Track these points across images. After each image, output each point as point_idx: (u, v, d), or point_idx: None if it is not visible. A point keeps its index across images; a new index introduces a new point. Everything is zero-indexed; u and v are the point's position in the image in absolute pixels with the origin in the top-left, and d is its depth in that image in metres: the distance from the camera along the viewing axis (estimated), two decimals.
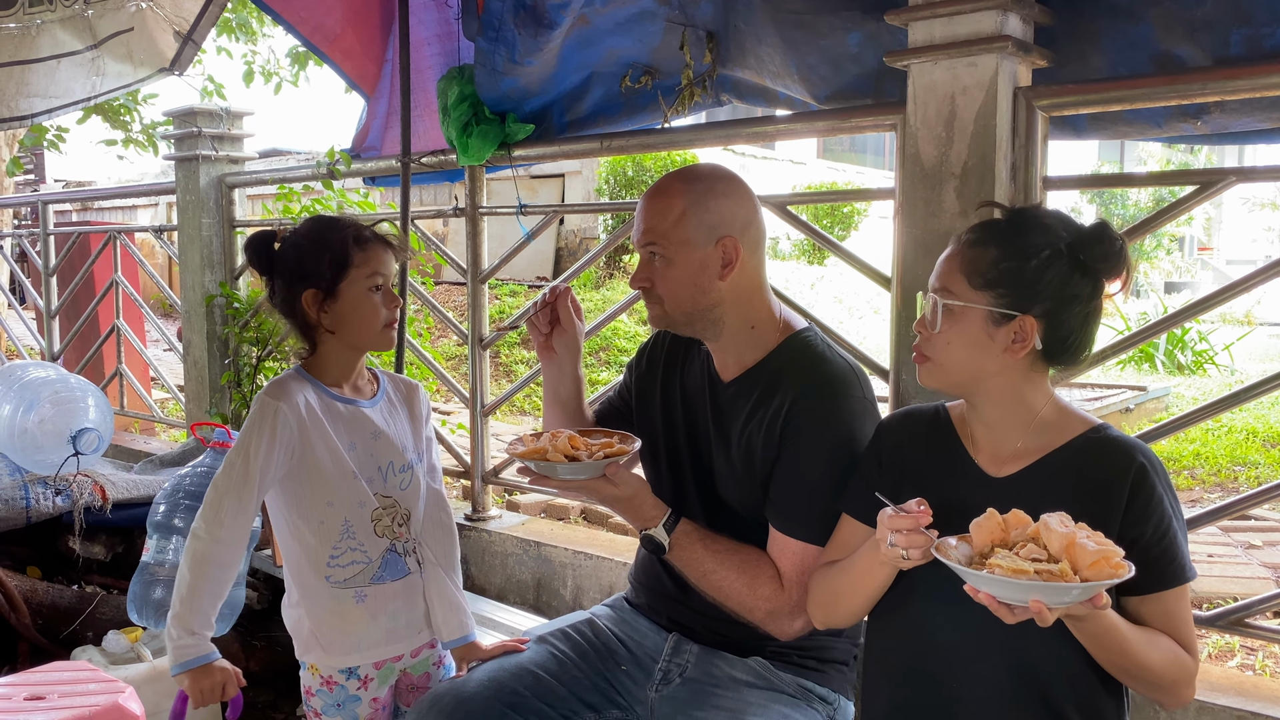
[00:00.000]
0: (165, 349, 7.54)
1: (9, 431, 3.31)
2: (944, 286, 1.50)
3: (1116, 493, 1.41)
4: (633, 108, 2.96)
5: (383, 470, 1.89)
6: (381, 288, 1.84)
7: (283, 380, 1.85)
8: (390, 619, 1.89)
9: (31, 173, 17.81)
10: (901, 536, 1.37)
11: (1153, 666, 1.38)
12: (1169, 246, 18.65)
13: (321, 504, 1.83)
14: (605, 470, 1.68)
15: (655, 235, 1.76)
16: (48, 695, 2.04)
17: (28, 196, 7.76)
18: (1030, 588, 1.22)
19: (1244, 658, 3.30)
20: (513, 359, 8.98)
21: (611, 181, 11.10)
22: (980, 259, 1.47)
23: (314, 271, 1.81)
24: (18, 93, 2.85)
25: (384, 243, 1.87)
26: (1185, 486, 5.53)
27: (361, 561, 1.85)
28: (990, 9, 2.02)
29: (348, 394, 1.90)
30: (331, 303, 1.82)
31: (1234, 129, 2.12)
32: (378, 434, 1.89)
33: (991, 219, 1.54)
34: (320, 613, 1.86)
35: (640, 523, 1.76)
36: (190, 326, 4.40)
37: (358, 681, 1.90)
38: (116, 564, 3.23)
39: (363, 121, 3.59)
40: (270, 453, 1.77)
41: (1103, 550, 1.23)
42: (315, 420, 1.82)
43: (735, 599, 1.74)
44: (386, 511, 1.88)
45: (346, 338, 1.85)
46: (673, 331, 1.89)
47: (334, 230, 1.84)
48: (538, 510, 4.71)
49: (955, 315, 1.47)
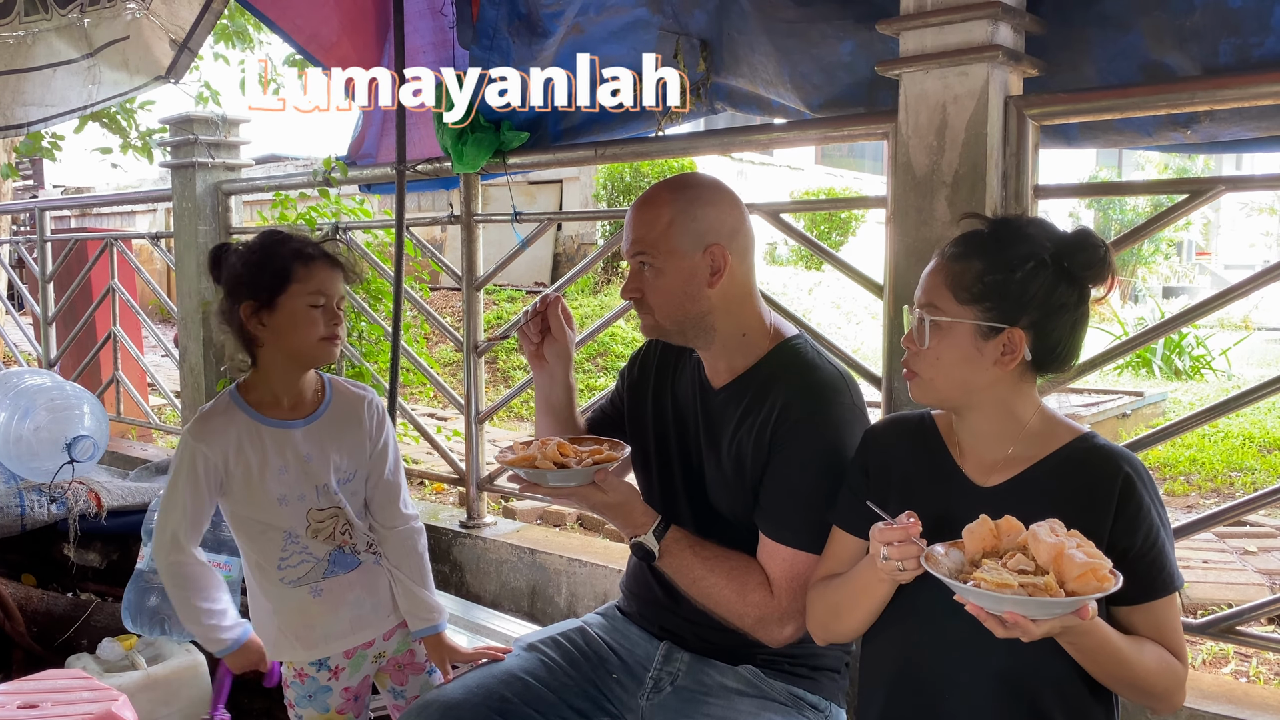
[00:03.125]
0: (162, 355, 7.54)
1: (4, 438, 3.32)
2: (930, 302, 1.49)
3: (1104, 503, 1.41)
4: (627, 116, 2.96)
5: (318, 489, 1.89)
6: (324, 306, 1.83)
7: (208, 414, 1.87)
8: (353, 608, 1.93)
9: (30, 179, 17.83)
10: (894, 549, 1.37)
11: (1145, 675, 1.38)
12: (1167, 251, 18.67)
13: (258, 522, 1.88)
14: (595, 477, 1.68)
15: (644, 245, 1.76)
16: (41, 704, 2.04)
17: (25, 203, 7.77)
18: (1013, 602, 1.22)
19: (1238, 664, 3.30)
20: (510, 365, 8.99)
21: (609, 187, 11.12)
22: (965, 273, 1.46)
23: (254, 283, 1.81)
24: (14, 101, 2.86)
25: (331, 262, 1.85)
26: (1181, 492, 5.53)
27: (309, 561, 1.89)
28: (981, 18, 2.03)
29: (282, 414, 1.89)
30: (268, 314, 1.81)
31: (1224, 138, 2.12)
32: (309, 455, 1.88)
33: (974, 231, 1.53)
34: (283, 610, 1.91)
35: (630, 529, 1.76)
36: (187, 333, 4.40)
37: (328, 672, 1.94)
38: (111, 571, 3.23)
39: (358, 129, 3.60)
40: (198, 490, 1.83)
41: (1091, 563, 1.23)
42: (240, 451, 1.84)
43: (725, 606, 1.75)
44: (326, 522, 1.90)
45: (282, 349, 1.84)
46: (665, 341, 1.89)
47: (281, 245, 1.84)
48: (533, 517, 4.70)
49: (943, 330, 1.47)
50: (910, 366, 1.53)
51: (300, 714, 1.96)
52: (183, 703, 2.65)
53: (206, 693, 2.69)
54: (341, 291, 1.88)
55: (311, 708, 1.94)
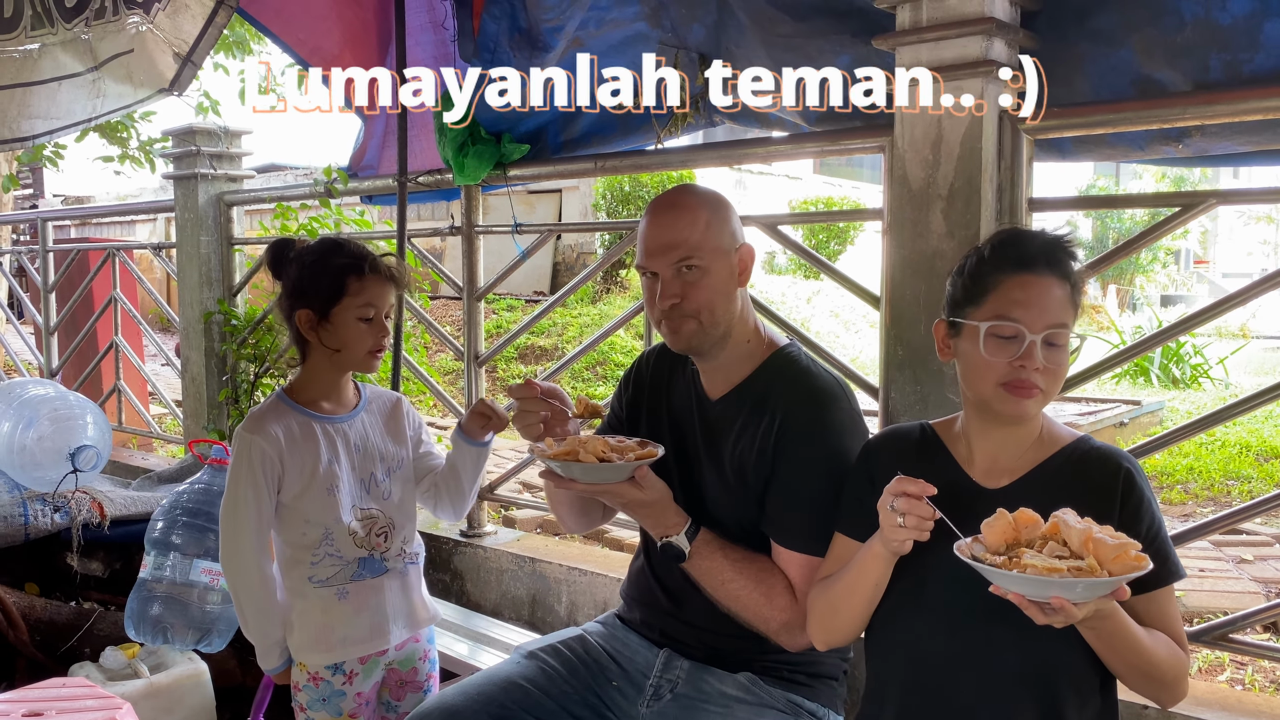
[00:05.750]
0: (162, 364, 7.56)
1: (8, 448, 3.33)
2: (1061, 323, 1.49)
3: (1109, 497, 1.47)
4: (627, 128, 3.01)
5: (365, 482, 2.00)
6: (373, 319, 1.93)
7: (259, 413, 1.96)
8: (373, 614, 1.98)
9: (29, 187, 17.86)
10: (904, 501, 1.41)
11: (1159, 663, 1.42)
12: (1165, 260, 18.71)
13: (301, 520, 1.94)
14: (635, 473, 1.69)
15: (689, 248, 1.75)
16: (46, 712, 2.05)
17: (28, 214, 7.80)
18: (1060, 585, 1.23)
19: (1233, 672, 3.32)
20: (509, 374, 9.00)
21: (609, 196, 11.16)
22: (1074, 289, 1.51)
23: (311, 291, 1.92)
24: (20, 114, 2.89)
25: (384, 276, 1.95)
26: (1178, 501, 5.55)
27: (339, 564, 1.95)
28: (976, 34, 2.06)
29: (327, 410, 1.99)
30: (324, 324, 1.92)
31: (1215, 152, 2.15)
32: (359, 446, 2.00)
33: (1043, 247, 1.53)
34: (307, 611, 1.96)
35: (661, 530, 1.78)
36: (189, 343, 4.43)
37: (343, 676, 1.98)
38: (114, 580, 3.24)
39: (360, 141, 3.63)
40: (259, 487, 1.89)
41: (1123, 544, 1.27)
42: (294, 444, 1.92)
43: (752, 609, 1.76)
44: (364, 524, 1.97)
45: (332, 358, 1.96)
46: (696, 351, 1.85)
47: (337, 257, 1.93)
48: (534, 526, 4.73)
49: (1064, 345, 1.50)
50: (1033, 383, 1.49)
51: (312, 717, 1.99)
52: (185, 711, 2.66)
53: (209, 701, 2.70)
54: (391, 303, 1.98)
55: (325, 711, 1.98)
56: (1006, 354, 1.47)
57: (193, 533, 2.69)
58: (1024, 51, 2.15)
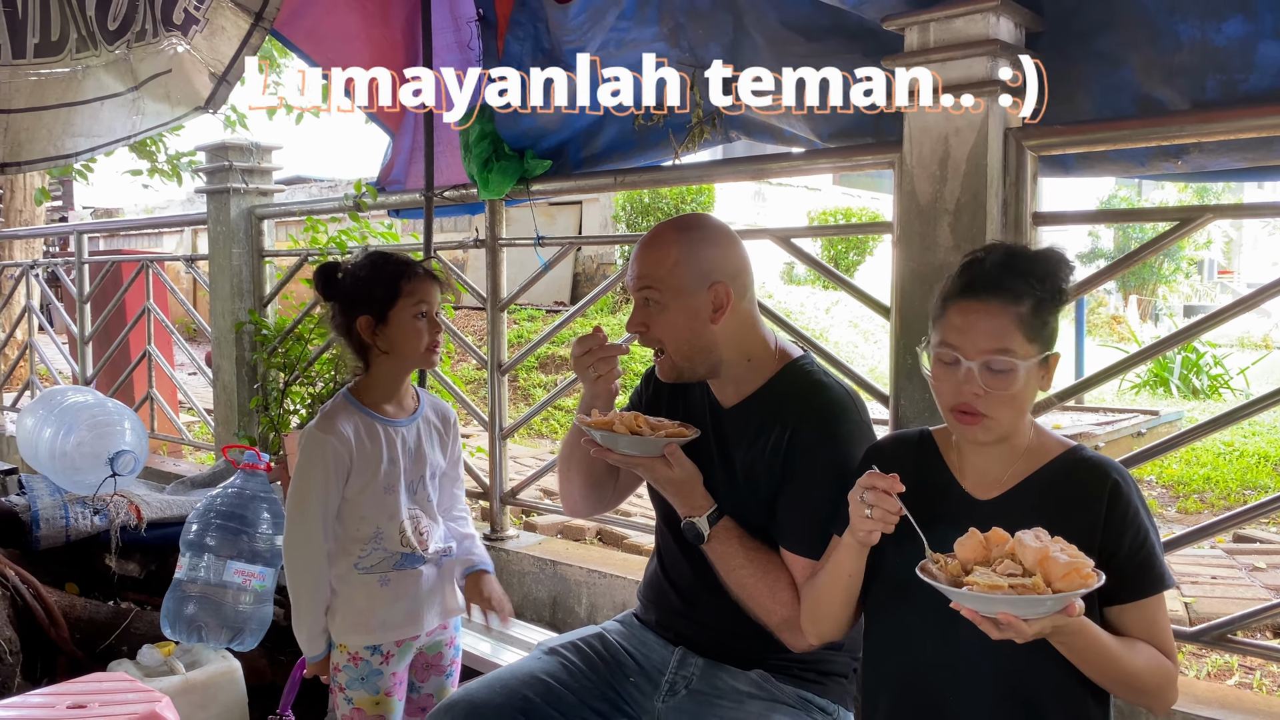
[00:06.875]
0: (190, 373, 7.69)
1: (49, 454, 3.46)
2: (1004, 348, 1.48)
3: (1095, 508, 1.50)
4: (645, 144, 3.09)
5: (412, 485, 2.13)
6: (426, 315, 2.07)
7: (330, 412, 2.09)
8: (411, 601, 2.12)
9: (59, 199, 18.15)
10: (873, 494, 1.48)
11: (1137, 674, 1.46)
12: (1188, 270, 18.61)
13: (358, 516, 2.08)
14: (664, 449, 1.79)
15: (650, 280, 1.86)
16: (89, 704, 2.14)
17: (64, 227, 7.96)
18: (1004, 602, 1.31)
19: (1242, 676, 3.35)
20: (530, 383, 9.10)
21: (629, 208, 11.27)
22: (1031, 313, 1.49)
23: (368, 299, 2.06)
24: (64, 133, 3.01)
25: (430, 277, 2.10)
26: (1195, 510, 5.57)
27: (383, 554, 2.09)
28: (981, 55, 2.14)
29: (389, 413, 2.12)
30: (383, 328, 2.06)
31: (1212, 168, 2.22)
32: (414, 450, 2.14)
33: (1005, 265, 1.53)
34: (352, 596, 2.09)
35: (687, 509, 1.86)
36: (220, 352, 4.54)
37: (380, 657, 2.11)
38: (150, 581, 3.33)
39: (388, 157, 3.74)
40: (328, 483, 2.03)
41: (1073, 562, 1.32)
42: (360, 443, 2.05)
43: (756, 600, 1.83)
44: (411, 523, 2.11)
45: (395, 358, 2.09)
46: (683, 381, 1.94)
47: (387, 265, 2.09)
48: (554, 531, 4.81)
49: (1016, 373, 1.49)
50: (976, 409, 1.50)
51: (350, 696, 2.11)
52: (219, 707, 2.74)
53: (242, 697, 2.79)
54: (439, 303, 2.12)
55: (363, 689, 2.10)
56: (950, 379, 1.51)
57: (226, 535, 2.77)
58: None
